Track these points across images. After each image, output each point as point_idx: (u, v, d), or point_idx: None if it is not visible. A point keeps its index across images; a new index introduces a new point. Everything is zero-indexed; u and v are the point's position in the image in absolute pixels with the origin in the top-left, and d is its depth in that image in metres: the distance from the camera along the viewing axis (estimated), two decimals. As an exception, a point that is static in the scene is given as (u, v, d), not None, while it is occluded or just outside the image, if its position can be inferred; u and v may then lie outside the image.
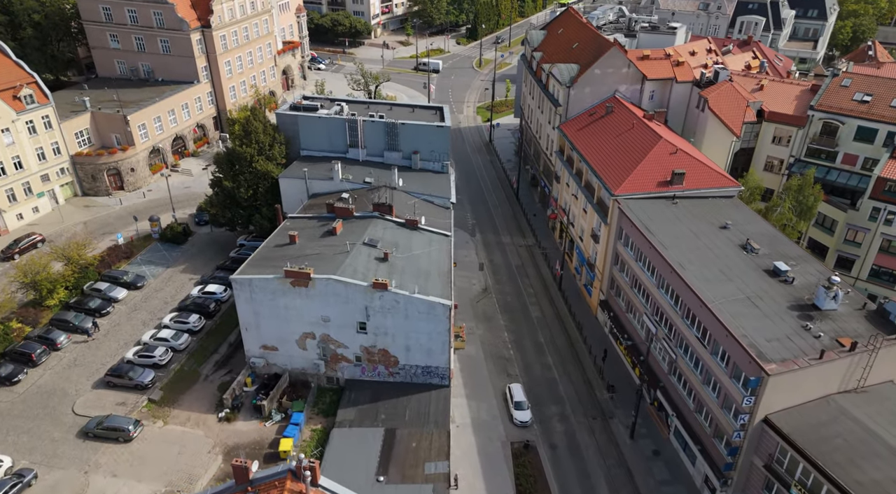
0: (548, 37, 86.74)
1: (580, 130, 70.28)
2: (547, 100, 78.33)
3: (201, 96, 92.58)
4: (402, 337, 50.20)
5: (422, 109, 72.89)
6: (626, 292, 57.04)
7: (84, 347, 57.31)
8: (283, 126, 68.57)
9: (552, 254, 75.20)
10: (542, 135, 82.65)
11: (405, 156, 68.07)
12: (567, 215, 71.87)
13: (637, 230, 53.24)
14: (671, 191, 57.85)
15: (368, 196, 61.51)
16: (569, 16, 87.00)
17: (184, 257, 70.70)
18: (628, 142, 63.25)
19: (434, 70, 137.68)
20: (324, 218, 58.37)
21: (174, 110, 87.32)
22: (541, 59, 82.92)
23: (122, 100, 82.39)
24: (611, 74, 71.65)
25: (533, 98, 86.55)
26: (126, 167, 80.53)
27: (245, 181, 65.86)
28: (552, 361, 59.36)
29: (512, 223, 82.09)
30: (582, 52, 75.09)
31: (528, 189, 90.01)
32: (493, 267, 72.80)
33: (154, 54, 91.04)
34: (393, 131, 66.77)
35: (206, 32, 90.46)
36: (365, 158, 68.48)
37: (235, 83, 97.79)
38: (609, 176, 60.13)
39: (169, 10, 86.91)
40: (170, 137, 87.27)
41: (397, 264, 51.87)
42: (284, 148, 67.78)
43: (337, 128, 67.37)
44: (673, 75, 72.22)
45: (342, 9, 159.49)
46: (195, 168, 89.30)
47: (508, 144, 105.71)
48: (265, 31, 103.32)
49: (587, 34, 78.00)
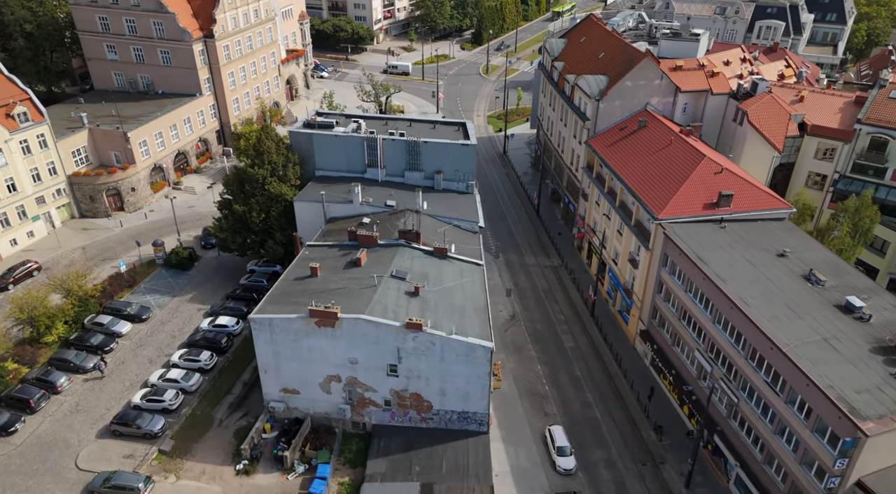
0: (569, 45, 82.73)
1: (611, 146, 66.27)
2: (571, 113, 74.32)
3: (204, 109, 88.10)
4: (436, 381, 45.98)
5: (443, 125, 68.71)
6: (672, 324, 53.03)
7: (87, 390, 52.77)
8: (297, 145, 64.24)
9: (580, 276, 71.13)
10: (564, 149, 78.64)
11: (427, 175, 63.87)
12: (597, 235, 67.86)
13: (687, 258, 49.24)
14: (718, 214, 53.94)
15: (391, 220, 57.31)
16: (591, 23, 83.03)
17: (191, 284, 66.23)
18: (667, 160, 59.28)
19: (404, 72, 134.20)
20: (345, 246, 54.10)
21: (176, 125, 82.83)
22: (563, 69, 78.91)
23: (122, 116, 77.86)
24: (642, 86, 67.72)
25: (554, 109, 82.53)
26: (126, 187, 75.96)
27: (257, 204, 61.51)
28: (592, 398, 55.23)
29: (535, 242, 77.98)
30: (610, 63, 71.12)
31: (549, 204, 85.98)
32: (519, 291, 68.64)
33: (154, 66, 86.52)
34: (415, 150, 62.56)
35: (208, 43, 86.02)
36: (384, 179, 64.24)
37: (239, 95, 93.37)
38: (649, 197, 56.13)
39: (170, 19, 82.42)
40: (172, 153, 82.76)
41: (429, 299, 47.65)
42: (299, 168, 63.47)
43: (355, 147, 63.11)
44: (708, 87, 68.33)
45: (343, 14, 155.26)
46: (198, 185, 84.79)
47: (524, 156, 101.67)
48: (269, 40, 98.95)
49: (614, 43, 74.05)
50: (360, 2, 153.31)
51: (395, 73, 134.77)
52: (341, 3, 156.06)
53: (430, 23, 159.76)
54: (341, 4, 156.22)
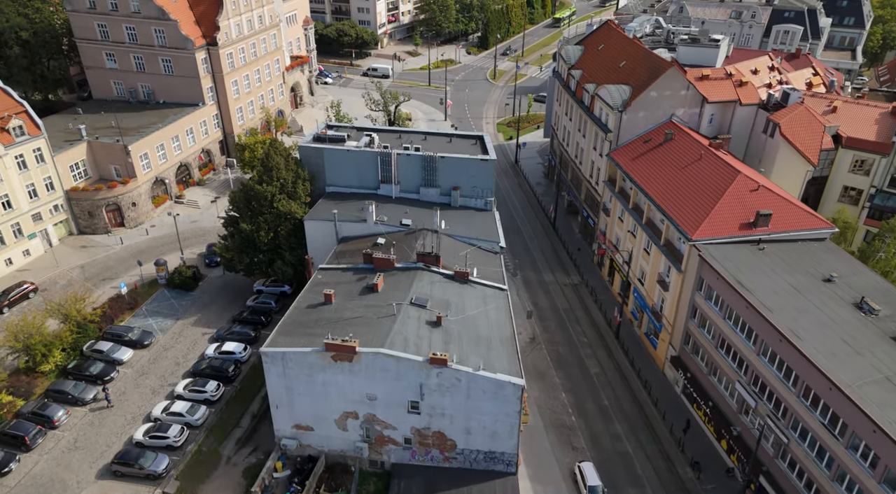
0: (586, 53, 79.66)
1: (636, 159, 63.20)
2: (591, 124, 71.24)
3: (207, 119, 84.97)
4: (461, 419, 42.85)
5: (460, 138, 65.54)
6: (708, 352, 49.93)
7: (86, 424, 49.57)
8: (307, 160, 61.13)
9: (602, 295, 68.01)
10: (583, 161, 75.55)
11: (444, 192, 60.78)
12: (620, 253, 64.77)
13: (726, 284, 46.14)
14: (756, 235, 50.87)
15: (407, 241, 54.21)
16: (609, 30, 79.97)
17: (195, 306, 63.06)
18: (698, 175, 56.19)
19: (384, 75, 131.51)
20: (360, 270, 50.97)
21: (178, 136, 79.68)
22: (581, 77, 75.81)
23: (122, 128, 74.72)
24: (668, 97, 64.66)
25: (570, 119, 79.46)
26: (127, 202, 72.80)
27: (265, 222, 58.38)
28: (622, 430, 52.09)
29: (553, 258, 74.87)
30: (632, 72, 68.05)
31: (565, 217, 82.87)
32: (538, 311, 65.51)
33: (155, 75, 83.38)
34: (431, 165, 59.47)
35: (211, 50, 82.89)
36: (398, 195, 61.14)
37: (243, 104, 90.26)
38: (681, 216, 53.04)
39: (172, 27, 79.29)
40: (174, 166, 79.61)
41: (452, 329, 44.52)
42: (309, 185, 60.36)
43: (367, 162, 60.02)
44: (736, 97, 65.26)
45: (347, 18, 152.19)
46: (202, 198, 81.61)
47: (536, 165, 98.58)
48: (273, 47, 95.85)
49: (636, 51, 70.98)
50: (363, 5, 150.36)
51: (376, 75, 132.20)
52: (345, 8, 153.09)
53: (435, 27, 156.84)
54: (345, 8, 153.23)
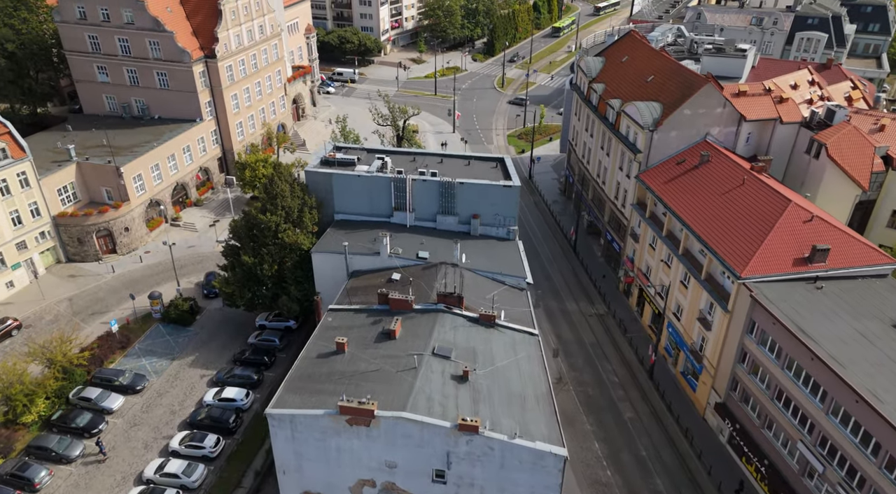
0: (608, 65, 74.96)
1: (669, 183, 58.47)
2: (616, 142, 66.51)
3: (205, 136, 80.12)
4: (493, 491, 37.98)
5: (479, 161, 60.71)
6: (761, 403, 45.16)
7: (71, 486, 44.61)
8: (314, 185, 56.32)
9: (631, 327, 63.20)
10: (606, 181, 70.79)
11: (462, 220, 56.00)
12: (651, 283, 60.05)
13: (785, 330, 41.39)
14: (812, 271, 46.14)
15: (425, 277, 49.41)
16: (633, 41, 75.25)
17: (192, 343, 58.17)
18: (742, 203, 51.42)
19: (350, 79, 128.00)
20: (375, 311, 46.12)
21: (174, 155, 74.82)
22: (603, 92, 71.11)
23: (114, 146, 69.89)
24: (702, 115, 59.96)
25: (591, 135, 74.73)
26: (119, 227, 67.92)
27: (269, 255, 53.56)
28: (663, 486, 47.23)
29: (575, 284, 70.09)
30: (662, 88, 63.36)
31: (585, 237, 78.05)
32: (563, 345, 60.74)
33: (149, 89, 78.54)
34: (449, 192, 54.67)
35: (209, 63, 78.07)
36: (413, 223, 56.36)
37: (243, 118, 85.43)
38: (727, 250, 48.28)
39: (167, 38, 74.46)
40: (170, 186, 74.73)
41: (481, 386, 39.69)
42: (316, 212, 55.55)
43: (380, 188, 55.24)
44: (776, 115, 60.59)
45: (349, 24, 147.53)
46: (199, 220, 76.72)
47: (552, 181, 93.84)
48: (275, 58, 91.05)
49: (665, 65, 66.28)
50: (366, 12, 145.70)
51: (340, 80, 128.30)
52: (347, 14, 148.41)
53: (439, 33, 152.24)
54: (347, 14, 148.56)
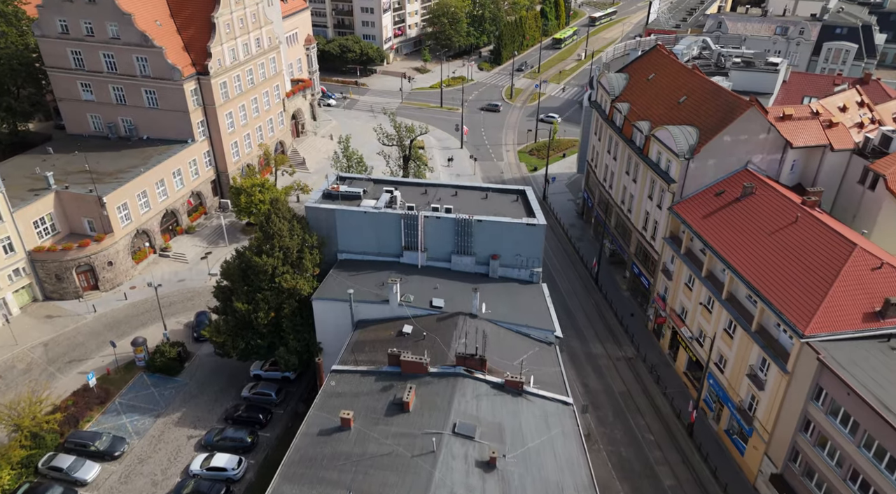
0: (633, 83, 69.35)
1: (708, 218, 52.78)
2: (645, 169, 60.87)
3: (197, 158, 74.45)
4: None
5: (498, 193, 54.98)
6: (830, 482, 39.43)
7: (35, 579, 39.02)
8: (315, 223, 50.60)
9: (663, 373, 57.40)
10: (633, 209, 65.13)
11: (480, 260, 50.28)
12: (688, 326, 54.36)
13: (864, 404, 35.71)
14: (886, 328, 40.46)
15: (440, 330, 43.72)
16: (660, 57, 69.60)
17: (180, 396, 52.39)
18: (797, 245, 45.70)
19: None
20: (384, 374, 40.42)
21: (164, 180, 69.12)
22: (629, 112, 65.51)
23: (97, 173, 64.29)
24: (744, 142, 54.33)
25: (615, 158, 69.08)
26: (101, 261, 62.22)
27: (265, 301, 47.81)
28: (715, 572, 41.61)
29: (599, 322, 64.36)
30: (697, 110, 57.73)
31: (607, 266, 72.26)
32: (590, 395, 55.02)
33: (137, 108, 72.88)
34: (465, 230, 48.97)
35: (202, 80, 72.42)
36: (425, 264, 50.64)
37: (238, 137, 79.77)
38: (784, 300, 42.59)
39: (157, 54, 68.82)
40: (158, 214, 69.02)
41: (511, 475, 33.94)
42: (318, 253, 49.85)
43: (389, 225, 49.55)
44: (826, 141, 54.97)
45: (350, 32, 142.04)
46: (191, 250, 70.99)
47: (567, 202, 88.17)
48: (272, 72, 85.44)
49: (699, 85, 60.63)
50: (368, 19, 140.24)
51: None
52: (348, 21, 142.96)
53: (444, 41, 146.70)
54: (348, 22, 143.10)
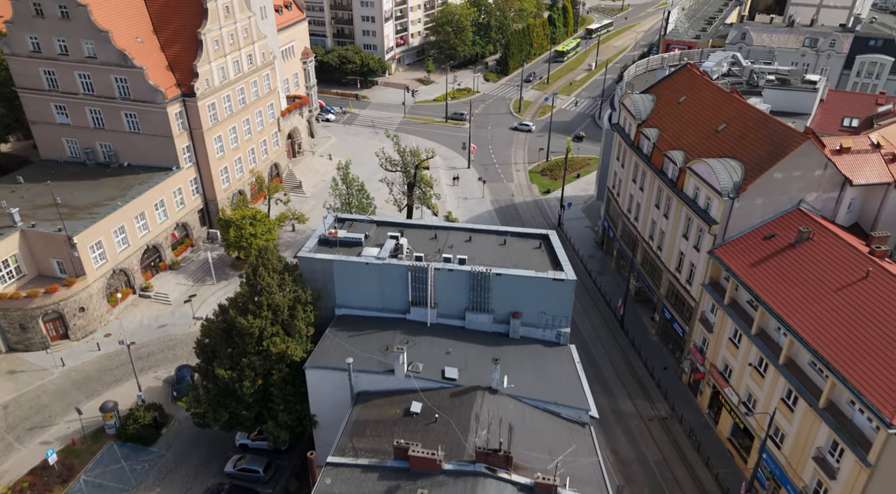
0: (661, 105, 62.92)
1: (757, 266, 46.24)
2: (679, 204, 54.41)
3: (183, 186, 68.04)
4: None
5: (518, 238, 48.34)
6: None
7: None
8: (310, 274, 44.04)
9: (704, 437, 50.68)
10: (664, 247, 58.68)
11: (499, 318, 43.78)
12: (733, 387, 47.85)
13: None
14: None
15: (455, 408, 37.23)
16: (691, 76, 63.09)
17: (154, 471, 45.77)
18: (871, 306, 39.07)
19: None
20: (390, 470, 33.87)
21: (144, 213, 62.70)
22: (658, 140, 59.12)
23: (69, 206, 58.01)
24: (797, 179, 47.86)
25: (642, 189, 62.61)
26: (72, 308, 55.80)
27: (250, 368, 41.33)
28: None
29: (627, 374, 57.79)
30: (740, 141, 51.26)
31: (632, 305, 65.72)
32: (621, 465, 48.45)
33: (117, 132, 66.50)
34: (482, 285, 42.48)
35: (188, 103, 66.04)
36: (436, 321, 44.15)
37: (228, 162, 73.36)
38: (862, 378, 36.02)
39: (137, 75, 62.48)
40: (139, 250, 62.61)
41: None
42: (312, 310, 43.38)
43: (394, 278, 43.03)
44: (891, 178, 48.48)
45: (351, 42, 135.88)
46: (174, 289, 64.54)
47: (584, 230, 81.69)
48: (266, 90, 79.08)
49: (739, 110, 54.14)
50: (369, 28, 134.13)
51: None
52: (348, 30, 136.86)
53: (448, 50, 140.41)
54: (348, 31, 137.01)
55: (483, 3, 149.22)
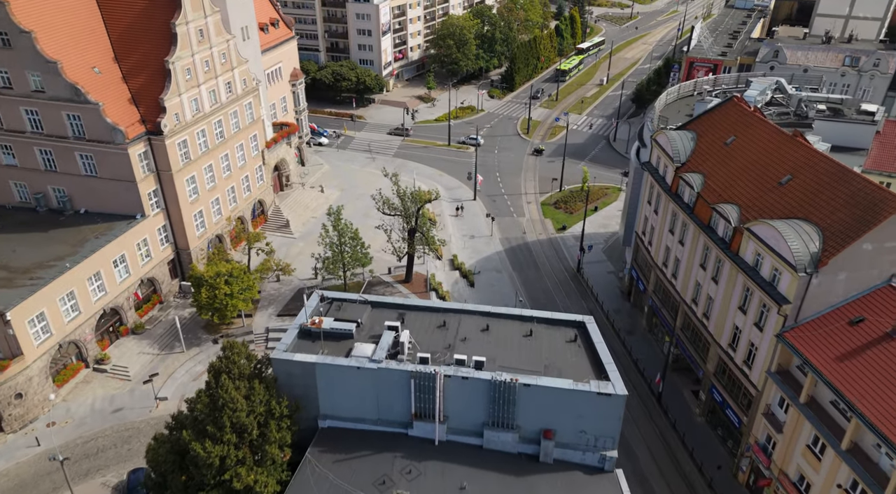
0: (704, 145, 53.81)
1: (845, 361, 37.14)
2: (733, 270, 45.29)
3: (149, 236, 58.97)
4: None
5: (546, 326, 39.17)
6: None
7: None
8: (287, 379, 34.89)
9: (769, 559, 41.90)
10: (712, 317, 49.46)
11: (526, 436, 34.69)
12: (810, 506, 38.79)
13: None
14: None
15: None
16: (739, 113, 53.93)
17: None
18: None
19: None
20: None
21: (101, 273, 53.61)
22: (704, 189, 50.10)
23: (8, 269, 48.93)
24: (890, 250, 38.95)
25: (682, 243, 53.52)
26: (6, 395, 46.57)
27: (208, 506, 32.30)
28: None
29: (668, 466, 48.57)
30: (812, 199, 42.22)
31: (669, 372, 56.57)
32: None
33: (71, 175, 57.50)
34: (506, 396, 33.41)
35: (154, 142, 57.00)
36: (445, 438, 35.09)
37: (204, 205, 64.27)
38: None
39: (92, 112, 53.44)
40: (93, 317, 53.52)
41: None
42: (289, 426, 34.24)
43: (392, 386, 33.96)
44: None
45: (346, 57, 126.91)
46: (136, 359, 55.30)
47: (608, 276, 72.50)
48: (249, 120, 70.03)
49: (807, 159, 45.00)
50: (365, 42, 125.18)
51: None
52: (343, 45, 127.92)
53: (450, 65, 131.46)
54: (343, 45, 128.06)
55: (487, 14, 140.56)
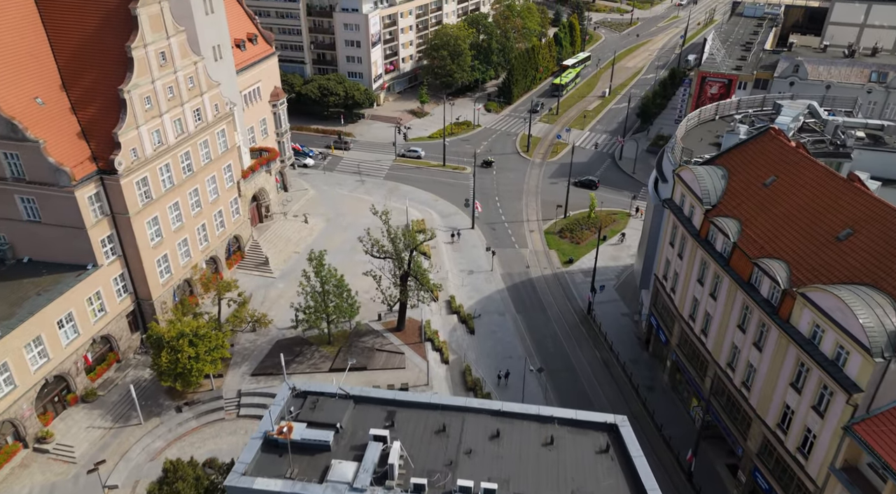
0: (736, 184, 46.77)
1: (935, 470, 30.34)
2: (783, 340, 38.36)
3: (102, 289, 51.52)
4: None
5: (570, 430, 31.61)
6: None
7: None
8: (242, 522, 27.85)
9: None
10: (755, 389, 42.27)
11: (548, 582, 27.62)
12: None
13: None
14: None
15: None
16: (779, 148, 46.86)
17: None
18: None
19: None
20: None
21: (41, 337, 46.15)
22: (741, 238, 43.19)
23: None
24: (985, 330, 32.13)
25: (715, 297, 46.42)
26: (-78, 496, 39.37)
27: None
28: None
29: (707, 567, 41.80)
30: (882, 261, 35.22)
31: (698, 439, 49.62)
32: None
33: (12, 221, 49.99)
34: (524, 542, 26.34)
35: (107, 181, 49.63)
36: None
37: (169, 249, 56.86)
38: None
39: (32, 151, 45.97)
40: (33, 389, 46.01)
41: None
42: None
43: (379, 533, 26.88)
44: None
45: (333, 69, 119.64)
46: (84, 435, 47.72)
47: (621, 319, 65.46)
48: (222, 149, 62.73)
49: (873, 211, 37.94)
50: (354, 54, 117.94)
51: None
52: (330, 56, 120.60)
53: (444, 77, 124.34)
54: (330, 57, 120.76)
55: (482, 23, 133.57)
